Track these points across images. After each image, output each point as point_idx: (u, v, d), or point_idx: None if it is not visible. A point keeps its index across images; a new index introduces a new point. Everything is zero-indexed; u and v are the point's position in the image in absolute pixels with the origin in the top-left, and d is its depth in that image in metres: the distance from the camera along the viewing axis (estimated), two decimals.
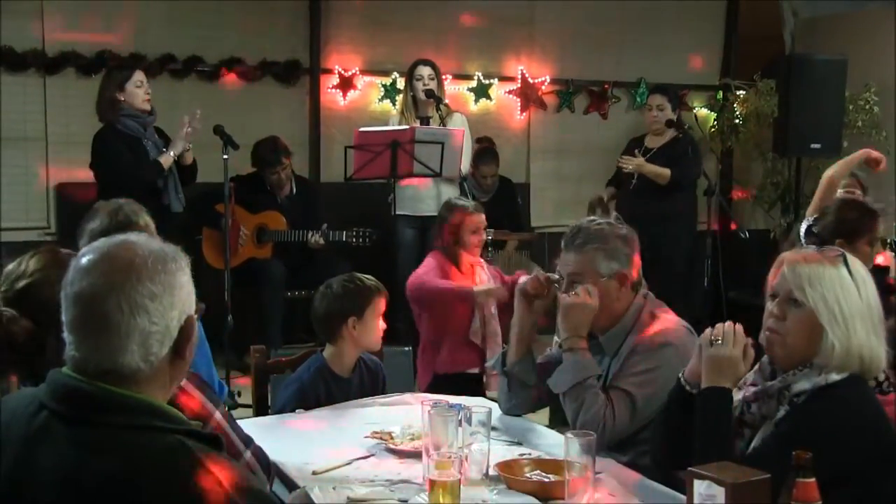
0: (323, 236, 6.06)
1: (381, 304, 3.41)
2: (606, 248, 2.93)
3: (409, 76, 6.14)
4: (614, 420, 2.75)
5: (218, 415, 2.33)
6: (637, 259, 2.99)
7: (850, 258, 2.34)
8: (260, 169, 6.31)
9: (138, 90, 5.39)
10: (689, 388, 2.41)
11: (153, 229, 3.34)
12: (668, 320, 2.94)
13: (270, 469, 2.43)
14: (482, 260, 5.02)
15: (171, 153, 5.37)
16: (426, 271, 4.87)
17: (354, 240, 6.03)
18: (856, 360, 2.25)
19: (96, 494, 1.52)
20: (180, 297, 1.66)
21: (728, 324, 2.37)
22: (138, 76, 5.43)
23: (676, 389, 2.45)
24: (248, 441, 2.38)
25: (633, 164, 6.50)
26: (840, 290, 2.27)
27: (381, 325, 3.42)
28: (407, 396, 3.34)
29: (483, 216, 4.95)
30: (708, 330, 2.39)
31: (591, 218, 3.04)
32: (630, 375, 2.81)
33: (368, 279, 3.44)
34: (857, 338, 2.24)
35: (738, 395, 2.39)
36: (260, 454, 2.41)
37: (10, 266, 2.18)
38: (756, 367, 2.45)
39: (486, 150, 6.97)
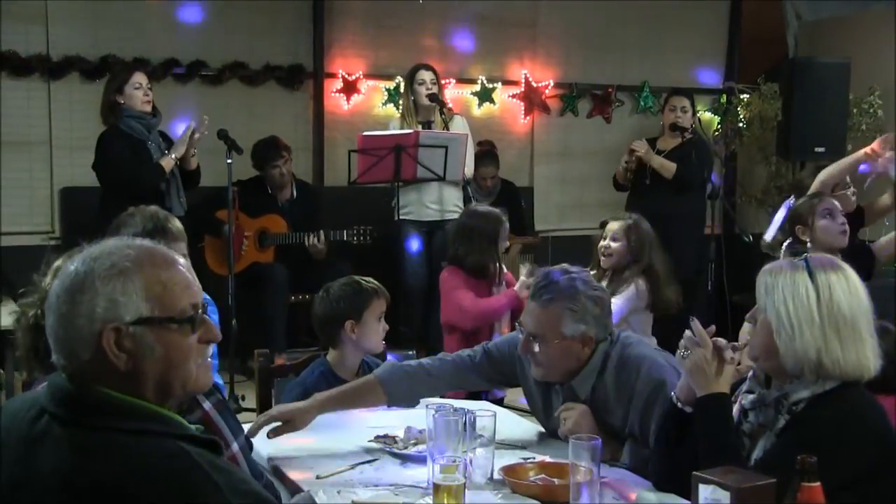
0: (323, 236, 6.05)
1: (380, 306, 3.40)
2: (575, 309, 2.76)
3: (410, 81, 6.14)
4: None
5: (235, 447, 2.34)
6: (609, 321, 2.85)
7: (821, 263, 2.32)
8: (260, 167, 6.30)
9: (137, 92, 5.38)
10: (685, 407, 2.40)
11: (182, 236, 3.33)
12: (642, 356, 2.79)
13: None
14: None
15: (173, 155, 5.37)
16: (462, 294, 4.67)
17: (355, 238, 6.03)
18: (813, 365, 2.23)
19: (95, 498, 1.52)
20: (88, 306, 1.63)
21: (687, 332, 2.38)
22: (136, 78, 5.42)
23: (672, 411, 2.44)
24: (259, 475, 2.38)
25: (643, 148, 6.47)
26: (790, 294, 2.27)
27: (383, 327, 3.41)
28: None
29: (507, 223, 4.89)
30: (682, 343, 2.39)
31: (567, 269, 2.86)
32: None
33: (368, 282, 3.44)
34: (804, 342, 2.23)
35: (734, 406, 2.38)
36: (252, 462, 2.41)
37: (59, 261, 2.22)
38: (750, 373, 2.45)
39: (485, 152, 6.97)
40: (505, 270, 4.86)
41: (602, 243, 4.71)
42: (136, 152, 5.35)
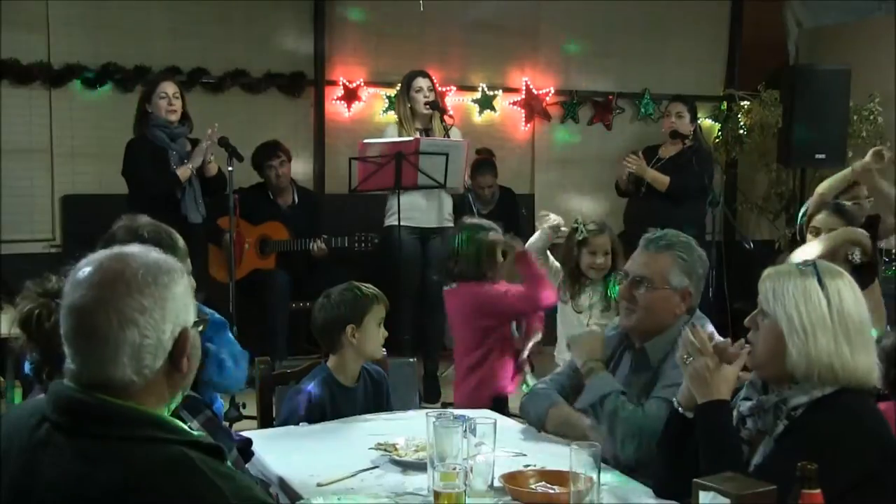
0: (324, 242, 6.06)
1: (379, 312, 3.41)
2: (686, 261, 2.91)
3: (407, 88, 6.12)
4: (648, 421, 2.71)
5: (227, 464, 2.33)
6: (701, 290, 2.96)
7: (828, 270, 2.33)
8: (258, 168, 6.31)
9: (162, 101, 5.49)
10: (686, 412, 2.40)
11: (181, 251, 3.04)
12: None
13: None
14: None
15: (190, 165, 5.46)
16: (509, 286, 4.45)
17: (357, 245, 6.03)
18: (825, 371, 2.23)
19: None
20: (173, 309, 1.65)
21: (688, 336, 2.39)
22: (162, 88, 5.53)
23: (674, 417, 2.44)
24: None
25: (636, 164, 6.49)
26: (801, 299, 2.26)
27: (382, 333, 3.42)
28: (411, 413, 3.34)
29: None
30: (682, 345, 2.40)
31: (679, 231, 3.01)
32: (669, 385, 2.77)
33: (367, 287, 3.45)
34: (818, 348, 2.23)
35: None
36: (243, 468, 2.40)
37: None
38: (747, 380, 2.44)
39: (482, 161, 6.95)
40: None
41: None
42: (155, 160, 5.44)
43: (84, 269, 1.66)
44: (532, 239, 4.92)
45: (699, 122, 7.89)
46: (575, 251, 4.76)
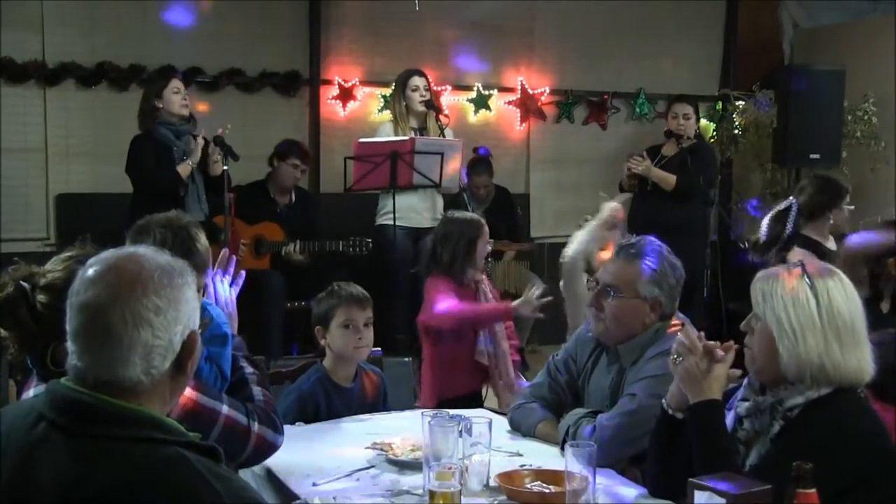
0: (318, 245, 6.04)
1: (345, 314, 3.35)
2: (657, 271, 2.88)
3: (403, 87, 6.11)
4: (601, 430, 2.72)
5: (225, 409, 2.37)
6: (677, 299, 2.94)
7: (817, 269, 2.33)
8: (281, 157, 6.22)
9: (175, 96, 5.54)
10: (675, 413, 2.40)
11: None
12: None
13: (249, 410, 2.44)
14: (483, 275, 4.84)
15: (189, 161, 5.48)
16: (447, 298, 4.40)
17: (351, 248, 6.03)
18: (816, 371, 2.23)
19: None
20: (185, 312, 1.66)
21: (679, 337, 2.39)
22: (175, 83, 5.59)
23: (663, 418, 2.44)
24: (220, 399, 2.40)
25: (642, 165, 6.48)
26: (790, 301, 2.27)
27: (357, 335, 3.35)
28: (407, 413, 3.34)
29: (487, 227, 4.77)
30: (673, 349, 2.40)
31: (654, 240, 2.99)
32: (637, 381, 2.80)
33: (341, 287, 3.42)
34: (808, 348, 2.24)
35: (729, 414, 2.39)
36: (237, 406, 2.41)
37: (67, 254, 2.21)
38: (745, 381, 2.45)
39: (479, 160, 6.94)
40: (486, 280, 4.75)
41: None
42: (159, 157, 5.46)
43: (94, 267, 1.66)
44: (576, 243, 4.65)
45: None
46: None
